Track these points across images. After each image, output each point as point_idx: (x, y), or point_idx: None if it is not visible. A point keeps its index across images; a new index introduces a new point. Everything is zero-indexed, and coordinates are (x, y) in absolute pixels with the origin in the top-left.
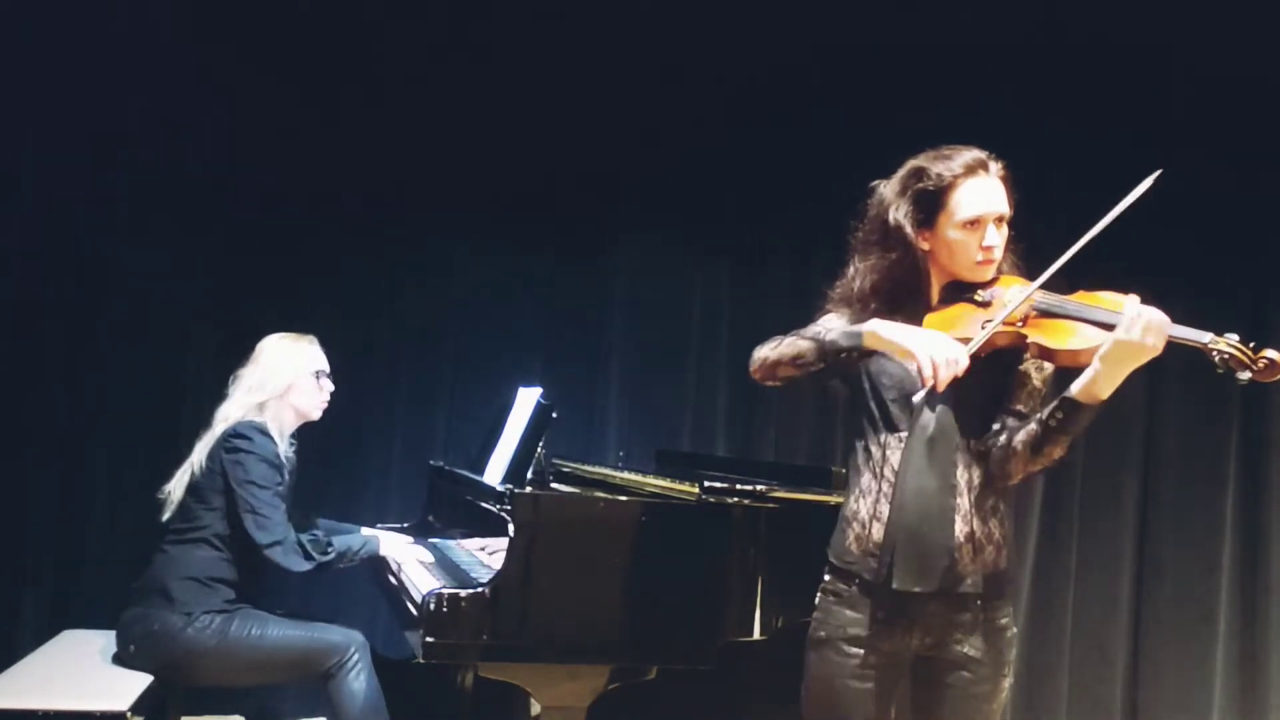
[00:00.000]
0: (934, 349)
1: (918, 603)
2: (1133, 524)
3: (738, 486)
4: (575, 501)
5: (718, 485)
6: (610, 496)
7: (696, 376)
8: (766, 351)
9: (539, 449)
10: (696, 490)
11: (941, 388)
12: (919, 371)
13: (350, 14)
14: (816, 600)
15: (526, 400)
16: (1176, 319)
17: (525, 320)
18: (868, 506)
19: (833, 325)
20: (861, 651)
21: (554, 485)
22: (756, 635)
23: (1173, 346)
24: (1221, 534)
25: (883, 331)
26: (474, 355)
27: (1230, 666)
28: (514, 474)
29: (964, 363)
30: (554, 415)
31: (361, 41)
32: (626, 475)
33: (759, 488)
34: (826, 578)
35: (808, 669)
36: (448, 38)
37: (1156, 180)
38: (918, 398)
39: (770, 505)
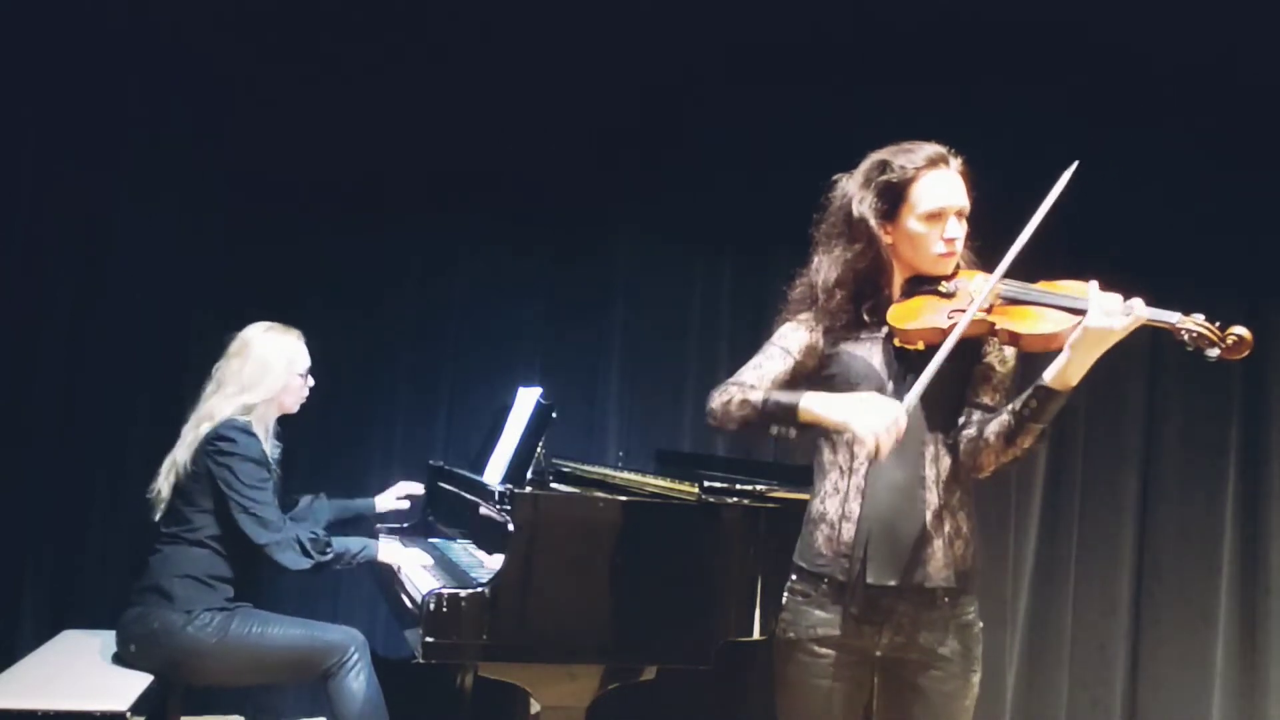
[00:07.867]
0: (869, 420)
1: (888, 600)
2: (1133, 524)
3: (738, 486)
4: (575, 501)
5: (717, 485)
6: (610, 496)
7: (696, 376)
8: (718, 404)
9: (539, 449)
10: (696, 490)
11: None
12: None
13: (353, 8)
14: (783, 601)
15: (526, 400)
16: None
17: (525, 320)
18: (836, 506)
19: (777, 366)
20: (832, 652)
21: (554, 485)
22: (756, 635)
23: (1140, 328)
24: (1221, 534)
25: (815, 406)
26: (474, 355)
27: (1230, 666)
28: (514, 474)
29: (903, 422)
30: (554, 415)
31: (363, 38)
32: (626, 475)
33: (759, 488)
34: (793, 577)
35: (777, 673)
36: (449, 33)
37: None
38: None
39: (770, 505)
